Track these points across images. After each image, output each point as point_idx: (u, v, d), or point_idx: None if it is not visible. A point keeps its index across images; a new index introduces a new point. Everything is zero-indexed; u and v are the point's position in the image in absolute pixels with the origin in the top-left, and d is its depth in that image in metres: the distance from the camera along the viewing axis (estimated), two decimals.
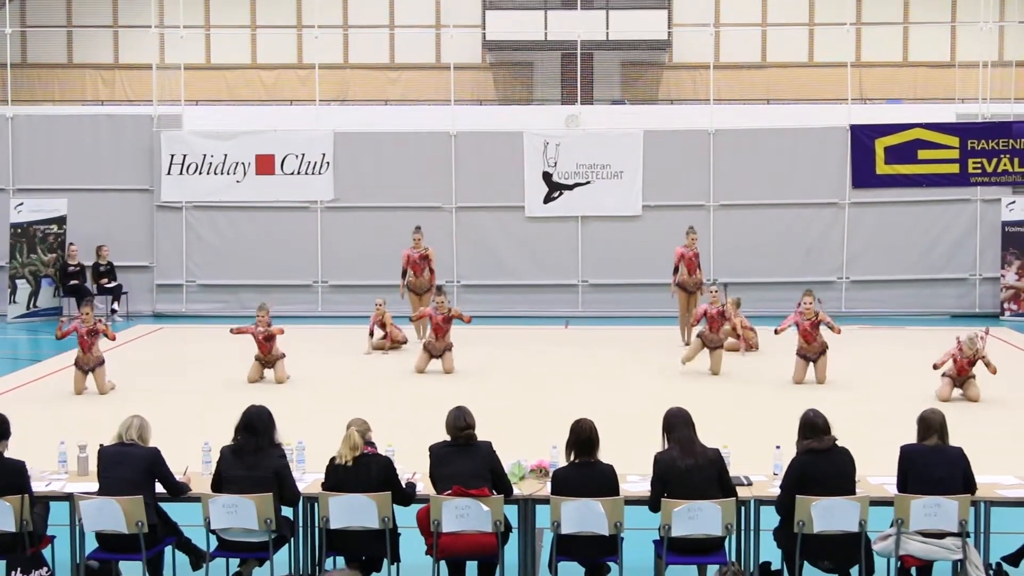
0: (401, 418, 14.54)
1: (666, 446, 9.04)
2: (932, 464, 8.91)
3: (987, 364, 16.37)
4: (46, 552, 9.30)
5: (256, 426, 9.09)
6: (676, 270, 21.40)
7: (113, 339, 17.85)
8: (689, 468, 8.80)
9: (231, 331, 18.70)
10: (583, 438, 8.92)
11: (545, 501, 8.98)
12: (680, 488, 8.77)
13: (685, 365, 18.71)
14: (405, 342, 21.08)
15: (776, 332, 18.32)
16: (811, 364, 17.86)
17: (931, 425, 9.06)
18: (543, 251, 25.93)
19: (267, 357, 18.14)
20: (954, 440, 9.19)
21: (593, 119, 26.56)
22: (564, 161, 25.76)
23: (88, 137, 26.17)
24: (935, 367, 16.68)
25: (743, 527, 9.24)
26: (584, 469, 8.91)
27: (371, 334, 20.73)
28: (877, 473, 9.02)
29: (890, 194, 25.55)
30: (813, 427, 8.95)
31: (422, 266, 21.71)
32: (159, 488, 9.16)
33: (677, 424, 9.04)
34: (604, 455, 9.02)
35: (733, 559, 9.10)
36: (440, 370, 18.73)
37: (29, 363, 20.21)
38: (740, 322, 20.23)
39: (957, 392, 16.39)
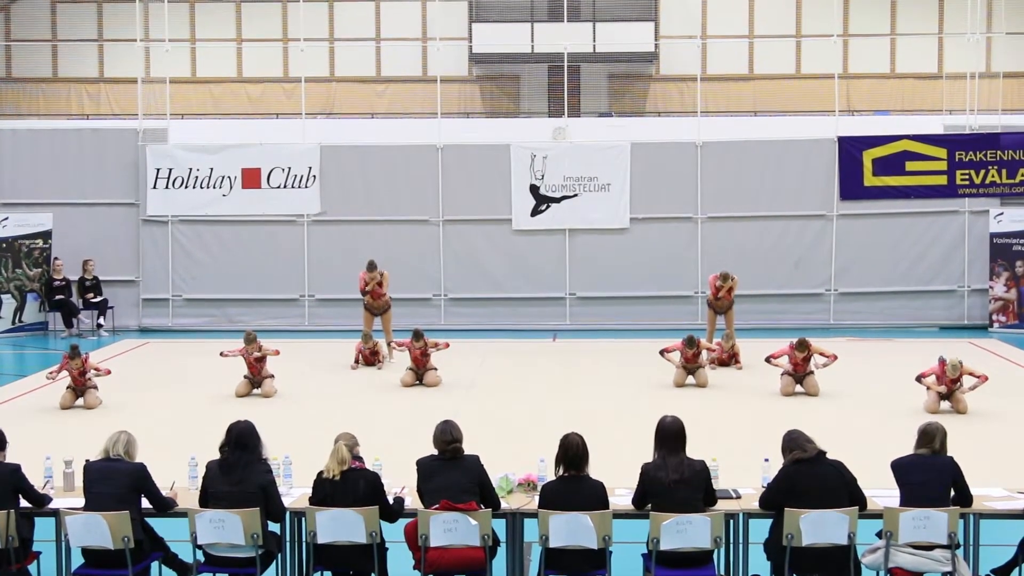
0: (388, 432, 14.49)
1: (655, 457, 9.01)
2: (914, 472, 8.92)
3: (974, 375, 16.35)
4: (32, 568, 9.25)
5: (247, 442, 9.05)
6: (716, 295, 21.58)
7: (108, 373, 17.73)
8: (675, 482, 8.77)
9: (221, 355, 18.68)
10: (572, 452, 8.87)
11: (533, 515, 8.94)
12: (665, 502, 8.75)
13: (677, 387, 18.65)
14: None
15: (768, 360, 18.22)
16: (799, 382, 17.86)
17: (929, 436, 9.03)
18: (530, 264, 25.88)
19: (256, 377, 18.10)
20: None
21: (580, 132, 26.52)
22: (551, 174, 25.73)
23: (73, 151, 26.09)
24: (918, 379, 16.65)
25: (732, 540, 9.20)
26: (573, 483, 8.87)
27: (357, 361, 20.61)
28: (865, 485, 8.98)
29: (878, 206, 25.57)
30: (793, 440, 8.94)
31: (379, 292, 21.47)
32: (145, 503, 9.12)
33: (667, 437, 8.99)
34: (592, 468, 8.97)
35: (722, 572, 9.08)
36: (427, 383, 18.70)
37: (15, 378, 20.10)
38: (707, 346, 20.12)
39: (946, 405, 16.34)
